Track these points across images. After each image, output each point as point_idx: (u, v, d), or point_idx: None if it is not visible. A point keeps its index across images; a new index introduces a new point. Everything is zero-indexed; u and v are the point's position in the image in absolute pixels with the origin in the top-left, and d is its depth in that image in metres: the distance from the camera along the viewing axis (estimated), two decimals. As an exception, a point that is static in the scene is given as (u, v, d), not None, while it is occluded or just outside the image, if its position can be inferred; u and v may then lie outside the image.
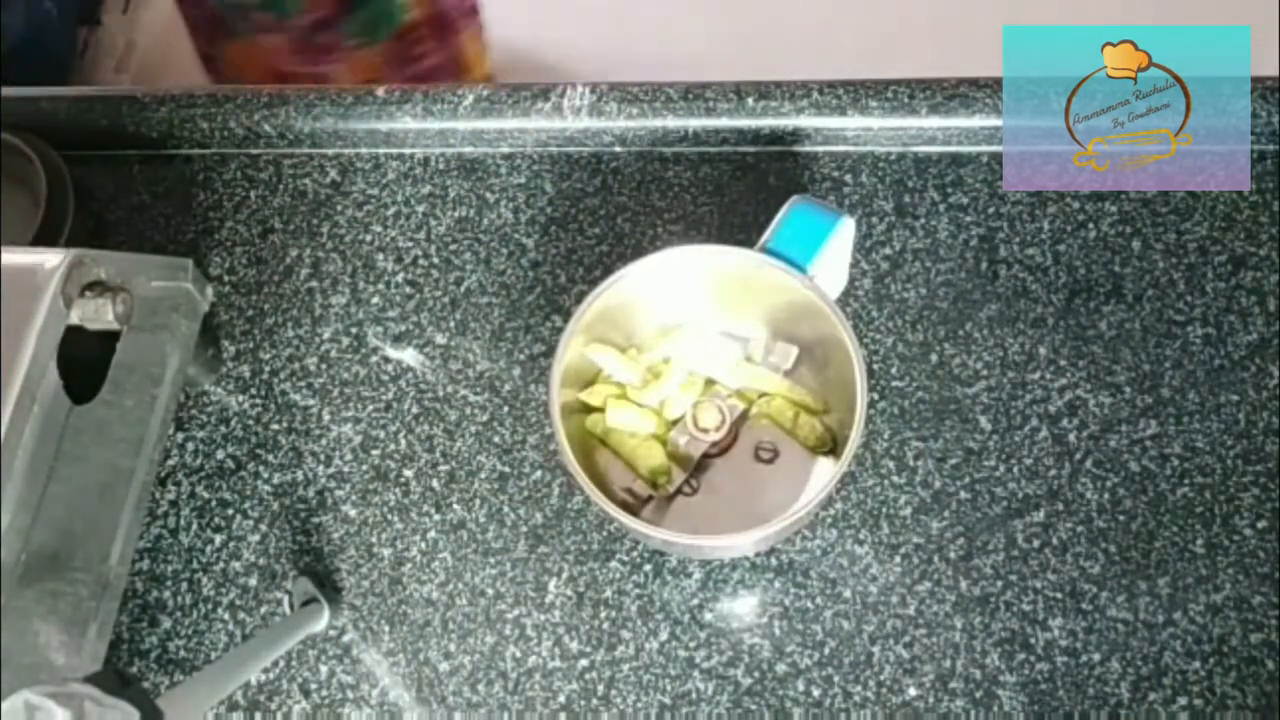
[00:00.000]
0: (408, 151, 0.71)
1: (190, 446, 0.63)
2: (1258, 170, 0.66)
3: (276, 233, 0.69)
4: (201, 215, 0.70)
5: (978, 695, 0.55)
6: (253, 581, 0.60)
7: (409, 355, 0.65)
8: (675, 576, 0.58)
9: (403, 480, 0.62)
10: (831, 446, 0.57)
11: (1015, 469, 0.59)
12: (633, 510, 0.55)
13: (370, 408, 0.63)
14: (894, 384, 0.62)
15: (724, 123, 0.68)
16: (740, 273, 0.56)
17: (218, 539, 0.61)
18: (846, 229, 0.56)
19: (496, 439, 0.62)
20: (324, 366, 0.65)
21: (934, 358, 0.62)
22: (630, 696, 0.56)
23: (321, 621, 0.57)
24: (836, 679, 0.55)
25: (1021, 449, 0.60)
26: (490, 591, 0.59)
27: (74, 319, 0.53)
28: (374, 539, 0.60)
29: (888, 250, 0.65)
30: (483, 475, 0.61)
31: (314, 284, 0.67)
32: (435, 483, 0.61)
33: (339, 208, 0.70)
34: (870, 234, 0.66)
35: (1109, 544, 0.57)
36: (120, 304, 0.54)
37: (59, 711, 0.38)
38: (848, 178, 0.68)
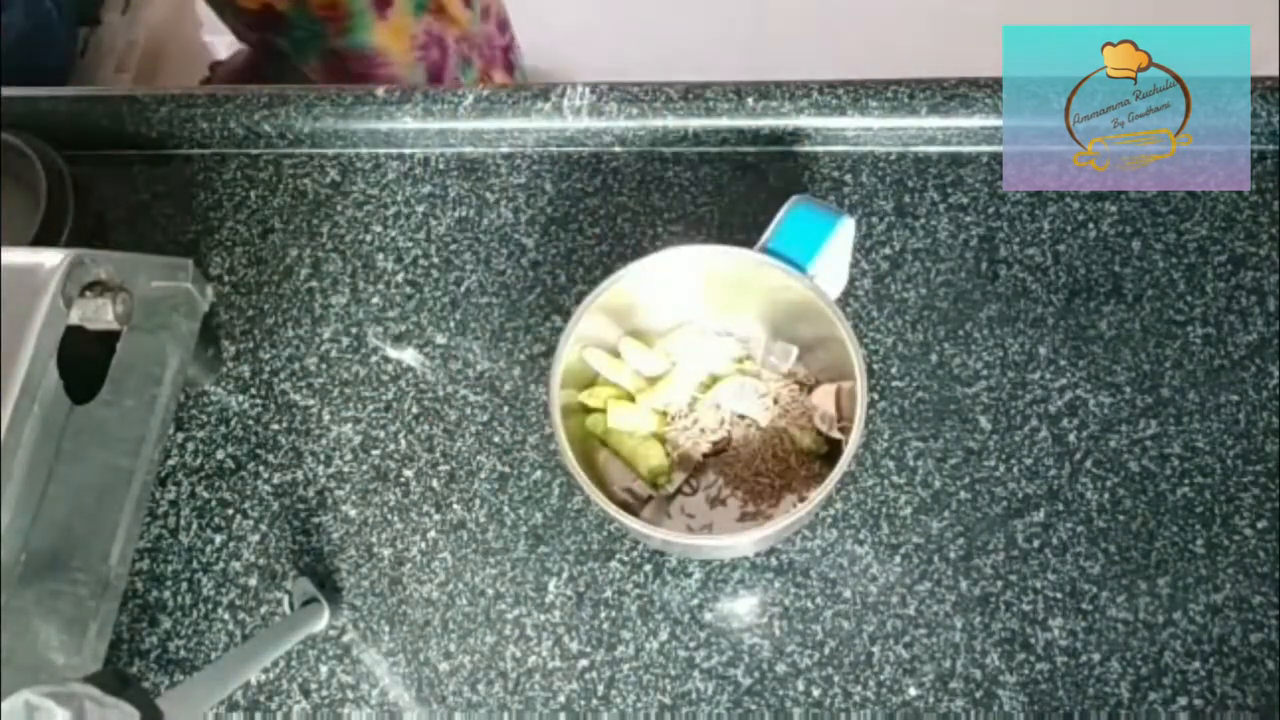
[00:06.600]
0: (408, 151, 0.71)
1: (190, 446, 0.63)
2: (1258, 170, 0.66)
3: (276, 233, 0.69)
4: (201, 215, 0.70)
5: (978, 695, 0.55)
6: (253, 581, 0.60)
7: (409, 355, 0.65)
8: (675, 576, 0.58)
9: (403, 480, 0.62)
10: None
11: (1015, 469, 0.59)
12: (633, 510, 0.55)
13: (370, 408, 0.63)
14: (894, 384, 0.62)
15: (724, 123, 0.68)
16: (740, 273, 0.56)
17: (218, 539, 0.61)
18: (846, 229, 0.56)
19: (496, 439, 0.62)
20: (324, 366, 0.65)
21: (934, 358, 0.62)
22: (630, 696, 0.56)
23: (321, 621, 0.57)
24: (836, 679, 0.55)
25: (1021, 449, 0.60)
26: (490, 591, 0.59)
27: (74, 319, 0.53)
28: (374, 539, 0.60)
29: (888, 250, 0.65)
30: (483, 475, 0.61)
31: (314, 284, 0.67)
32: (435, 483, 0.61)
33: (339, 208, 0.70)
34: (870, 234, 0.66)
35: (1109, 544, 0.57)
36: (120, 304, 0.54)
37: (59, 711, 0.38)
38: (848, 178, 0.68)
